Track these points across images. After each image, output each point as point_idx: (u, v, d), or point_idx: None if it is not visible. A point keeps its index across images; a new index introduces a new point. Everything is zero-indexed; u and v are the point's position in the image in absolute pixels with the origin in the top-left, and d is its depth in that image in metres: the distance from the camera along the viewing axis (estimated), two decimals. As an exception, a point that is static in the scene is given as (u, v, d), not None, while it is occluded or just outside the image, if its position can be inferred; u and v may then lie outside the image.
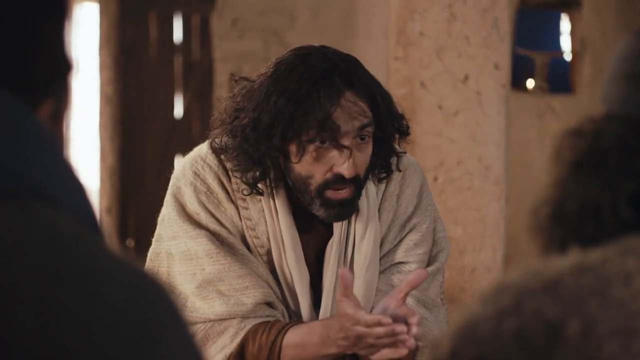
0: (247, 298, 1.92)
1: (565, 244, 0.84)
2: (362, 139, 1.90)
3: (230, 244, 1.95)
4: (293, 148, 1.89)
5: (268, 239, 1.97)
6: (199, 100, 6.60)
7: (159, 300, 0.73)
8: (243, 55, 6.01)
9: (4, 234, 0.70)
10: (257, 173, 1.92)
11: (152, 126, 6.66)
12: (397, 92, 3.43)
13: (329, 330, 1.86)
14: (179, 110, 6.67)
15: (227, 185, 1.97)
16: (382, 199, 2.04)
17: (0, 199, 0.72)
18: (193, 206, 1.96)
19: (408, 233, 2.05)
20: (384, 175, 2.02)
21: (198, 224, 1.95)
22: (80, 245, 0.72)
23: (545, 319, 0.74)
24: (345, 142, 1.87)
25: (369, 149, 1.92)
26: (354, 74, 1.89)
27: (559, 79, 6.21)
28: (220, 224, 1.95)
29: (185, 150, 2.09)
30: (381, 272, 2.04)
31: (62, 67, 0.80)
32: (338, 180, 1.89)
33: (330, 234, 2.00)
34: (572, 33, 6.23)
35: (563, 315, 0.74)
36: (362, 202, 2.00)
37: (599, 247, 0.80)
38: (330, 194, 1.90)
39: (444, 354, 0.78)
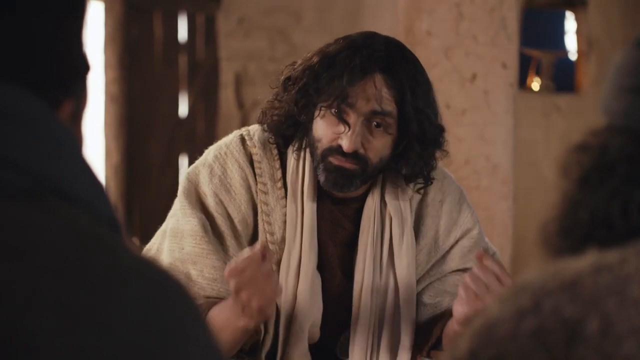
0: (212, 290, 1.93)
1: (575, 252, 0.84)
2: (378, 126, 1.90)
3: (221, 234, 1.96)
4: (318, 109, 1.92)
5: (280, 226, 1.97)
6: (204, 99, 6.60)
7: (180, 301, 0.73)
8: (249, 54, 6.01)
9: (24, 233, 0.71)
10: (286, 126, 1.96)
11: (157, 125, 6.67)
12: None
13: (230, 304, 1.83)
14: (183, 109, 6.67)
15: (247, 170, 1.98)
16: (423, 204, 2.05)
17: (21, 199, 0.72)
18: (204, 187, 1.98)
19: (460, 239, 2.05)
20: (422, 185, 2.02)
21: (198, 204, 1.97)
22: (100, 245, 0.72)
23: (564, 318, 0.74)
24: (351, 118, 1.89)
25: (384, 139, 1.92)
26: (395, 63, 1.90)
27: (565, 78, 6.21)
28: (224, 209, 1.97)
29: (190, 149, 2.13)
30: (444, 276, 2.04)
31: (81, 67, 0.80)
32: (339, 152, 1.90)
33: (356, 230, 2.01)
34: (578, 32, 6.23)
35: (581, 315, 0.74)
36: (397, 206, 2.00)
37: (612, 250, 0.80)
38: (332, 159, 1.91)
39: (463, 354, 0.78)
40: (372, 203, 2.00)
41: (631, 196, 0.84)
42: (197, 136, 6.40)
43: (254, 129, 2.04)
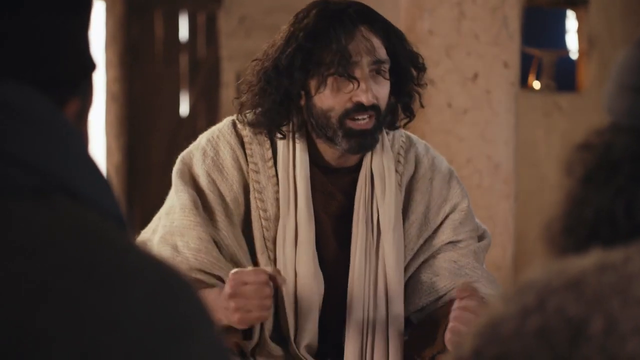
0: (195, 261, 1.96)
1: (580, 250, 0.84)
2: (377, 73, 1.97)
3: (212, 210, 2.01)
4: (314, 83, 1.97)
5: (272, 203, 2.02)
6: (205, 99, 6.60)
7: (187, 298, 0.73)
8: (250, 54, 5.99)
9: (32, 231, 0.71)
10: (280, 115, 2.00)
11: (158, 124, 6.67)
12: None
13: (220, 297, 1.87)
14: (184, 108, 6.67)
15: (238, 152, 2.04)
16: (413, 181, 2.11)
17: (29, 196, 0.72)
18: (197, 168, 2.04)
19: (450, 213, 2.10)
20: (407, 119, 2.09)
21: (191, 182, 2.03)
22: (107, 243, 0.73)
23: (568, 317, 0.74)
24: (359, 74, 1.95)
25: (386, 84, 1.99)
26: (368, 12, 1.99)
27: (566, 77, 6.21)
28: (216, 188, 2.02)
29: (191, 149, 2.17)
30: (437, 252, 2.09)
31: (87, 66, 0.81)
32: (358, 109, 1.95)
33: (347, 202, 2.05)
34: (579, 31, 6.23)
35: (586, 313, 0.74)
36: (378, 167, 2.05)
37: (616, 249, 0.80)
38: (351, 124, 1.96)
39: (467, 353, 0.78)
40: (364, 175, 2.06)
41: (635, 195, 0.84)
42: (198, 135, 6.38)
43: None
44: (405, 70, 2.02)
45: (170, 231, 2.00)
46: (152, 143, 6.65)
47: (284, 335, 2.02)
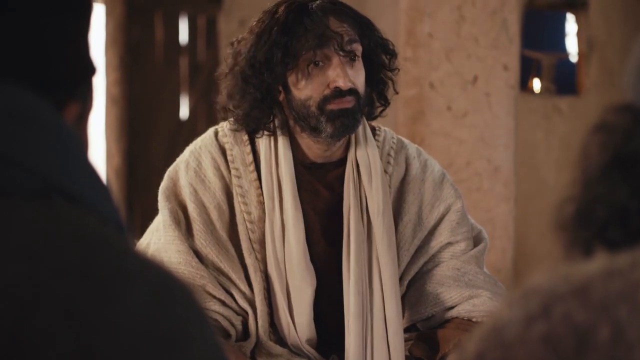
0: (175, 273, 1.98)
1: (589, 246, 0.83)
2: (352, 59, 2.00)
3: (193, 220, 2.05)
4: (292, 75, 1.99)
5: (256, 206, 2.05)
6: (205, 101, 6.60)
7: (185, 301, 0.73)
8: (249, 56, 6.00)
9: (31, 234, 0.71)
10: (263, 112, 2.02)
11: (158, 127, 6.67)
12: (406, 93, 3.42)
13: None
14: (184, 111, 6.67)
15: (219, 160, 2.08)
16: (404, 182, 2.13)
17: (29, 199, 0.72)
18: (182, 181, 2.09)
19: (446, 214, 2.12)
20: (382, 107, 2.11)
21: (173, 196, 2.08)
22: (106, 246, 0.73)
23: (574, 324, 0.73)
24: (335, 59, 1.98)
25: (361, 70, 2.02)
26: (334, 3, 2.02)
27: (566, 80, 6.21)
28: (198, 198, 2.06)
29: (190, 151, 2.20)
30: (439, 260, 2.10)
31: (87, 69, 0.80)
32: (336, 94, 1.98)
33: (334, 198, 2.07)
34: (579, 34, 6.23)
35: (592, 321, 0.73)
36: (363, 157, 2.08)
37: (624, 251, 0.79)
38: (331, 106, 1.98)
39: (470, 356, 0.77)
40: (350, 166, 2.08)
41: None
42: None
43: (227, 123, 2.13)
44: (377, 56, 2.05)
45: (157, 248, 2.04)
46: (152, 146, 6.65)
47: (281, 333, 2.04)
